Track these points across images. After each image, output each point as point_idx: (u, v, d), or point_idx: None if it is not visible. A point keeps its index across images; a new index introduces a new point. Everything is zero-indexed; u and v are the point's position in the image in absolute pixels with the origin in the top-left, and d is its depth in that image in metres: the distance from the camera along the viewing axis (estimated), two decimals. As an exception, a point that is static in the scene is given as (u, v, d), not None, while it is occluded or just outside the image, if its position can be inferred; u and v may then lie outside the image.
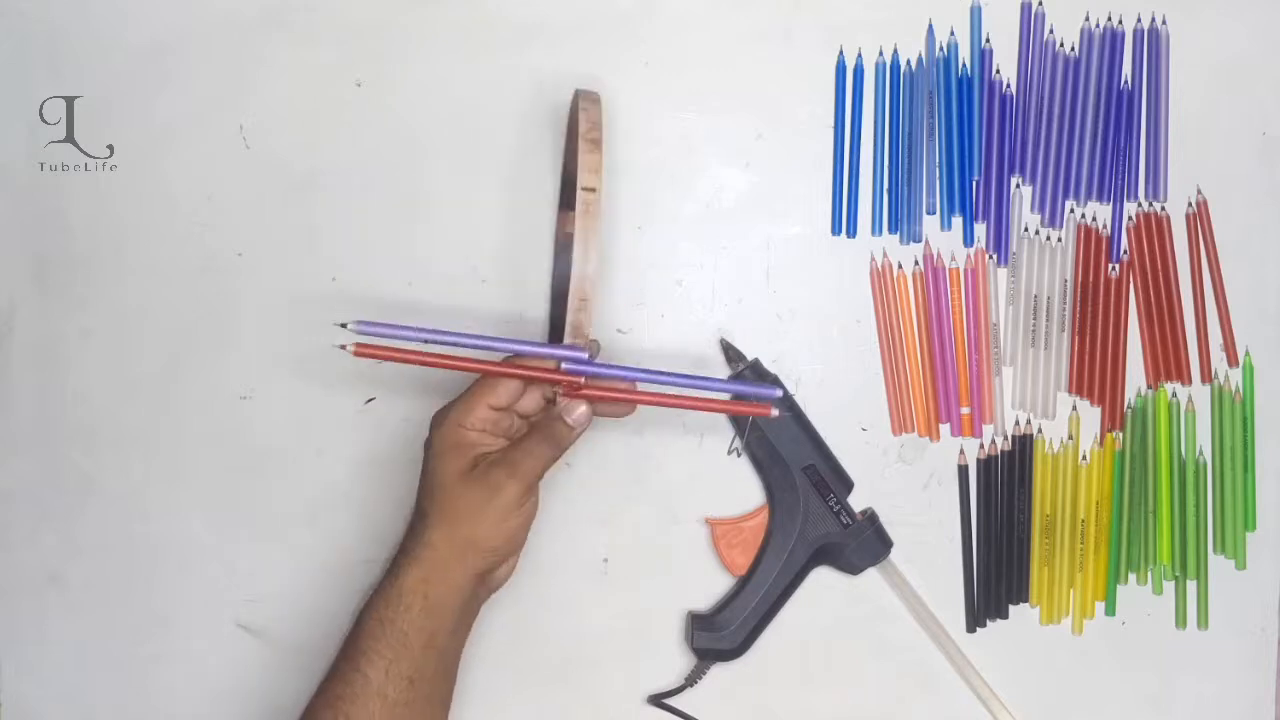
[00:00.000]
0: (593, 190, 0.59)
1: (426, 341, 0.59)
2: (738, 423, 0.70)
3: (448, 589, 0.60)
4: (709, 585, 0.71)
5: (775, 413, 0.62)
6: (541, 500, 0.71)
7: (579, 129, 0.60)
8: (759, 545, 0.70)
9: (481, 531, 0.59)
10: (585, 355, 0.60)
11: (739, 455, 0.70)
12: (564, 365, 0.60)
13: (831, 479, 0.69)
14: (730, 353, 0.70)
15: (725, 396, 0.67)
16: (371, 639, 0.59)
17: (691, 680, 0.70)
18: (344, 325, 0.58)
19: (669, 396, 0.62)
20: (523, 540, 0.62)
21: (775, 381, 0.70)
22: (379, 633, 0.59)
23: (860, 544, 0.69)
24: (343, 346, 0.58)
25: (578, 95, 0.62)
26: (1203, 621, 0.72)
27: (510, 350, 0.61)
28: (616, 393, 0.62)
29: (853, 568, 0.70)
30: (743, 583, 0.70)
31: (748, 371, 0.70)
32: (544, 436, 0.60)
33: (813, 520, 0.69)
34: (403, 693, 0.58)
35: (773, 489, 0.70)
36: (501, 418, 0.62)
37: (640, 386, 0.62)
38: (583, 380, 0.60)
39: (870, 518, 0.70)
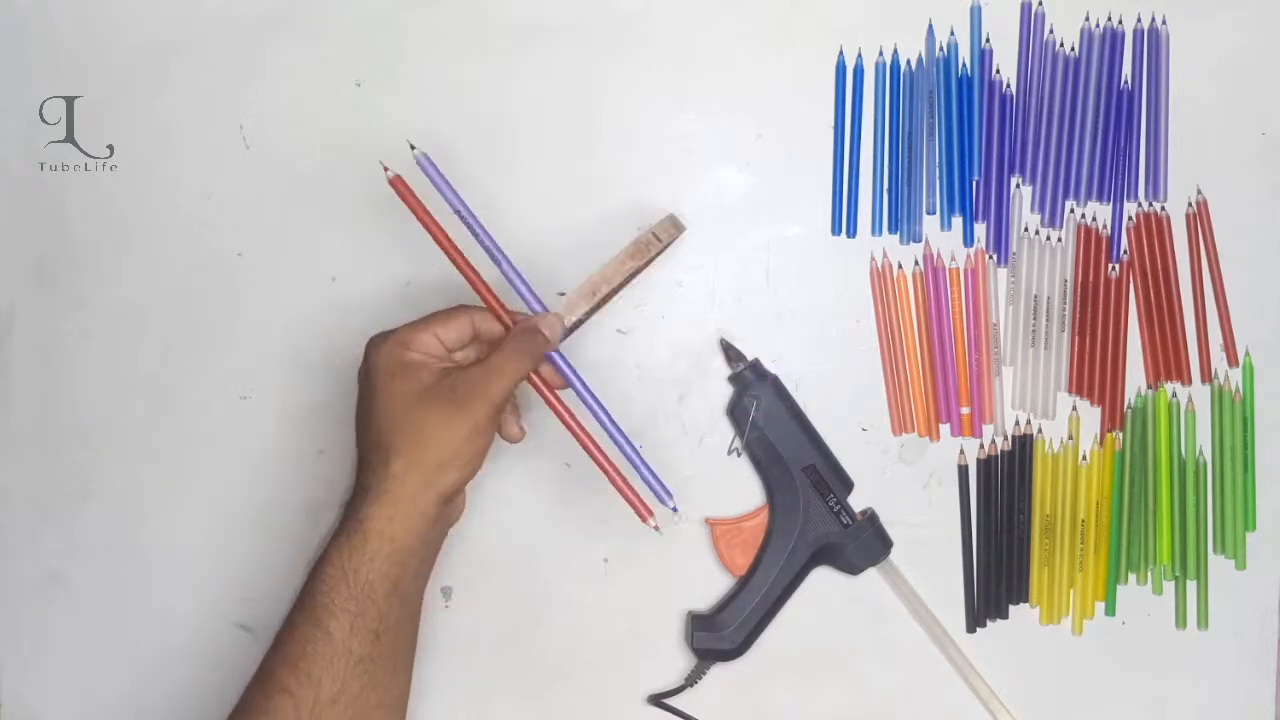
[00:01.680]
0: (659, 240, 0.65)
1: (457, 212, 0.60)
2: (737, 422, 0.70)
3: (414, 525, 0.57)
4: (709, 585, 0.71)
5: (655, 526, 0.63)
6: (541, 500, 0.71)
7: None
8: (759, 545, 0.70)
9: (450, 452, 0.57)
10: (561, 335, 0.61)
11: (739, 455, 0.70)
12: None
13: (832, 479, 0.69)
14: (730, 352, 0.70)
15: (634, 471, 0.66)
16: (333, 592, 0.55)
17: (691, 680, 0.70)
18: (413, 147, 0.60)
19: (589, 441, 0.63)
20: (482, 463, 0.59)
21: (775, 383, 0.70)
22: (341, 585, 0.56)
23: (860, 544, 0.69)
24: (386, 169, 0.59)
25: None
26: (1203, 621, 0.72)
27: (513, 284, 0.62)
28: (557, 407, 0.62)
29: (852, 568, 0.70)
30: (743, 583, 0.70)
31: (747, 372, 0.70)
32: (517, 349, 0.59)
33: (813, 520, 0.69)
34: (369, 647, 0.56)
35: (773, 489, 0.70)
36: (444, 354, 0.60)
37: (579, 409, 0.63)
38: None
39: (870, 518, 0.70)
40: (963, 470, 0.72)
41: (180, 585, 0.71)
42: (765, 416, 0.69)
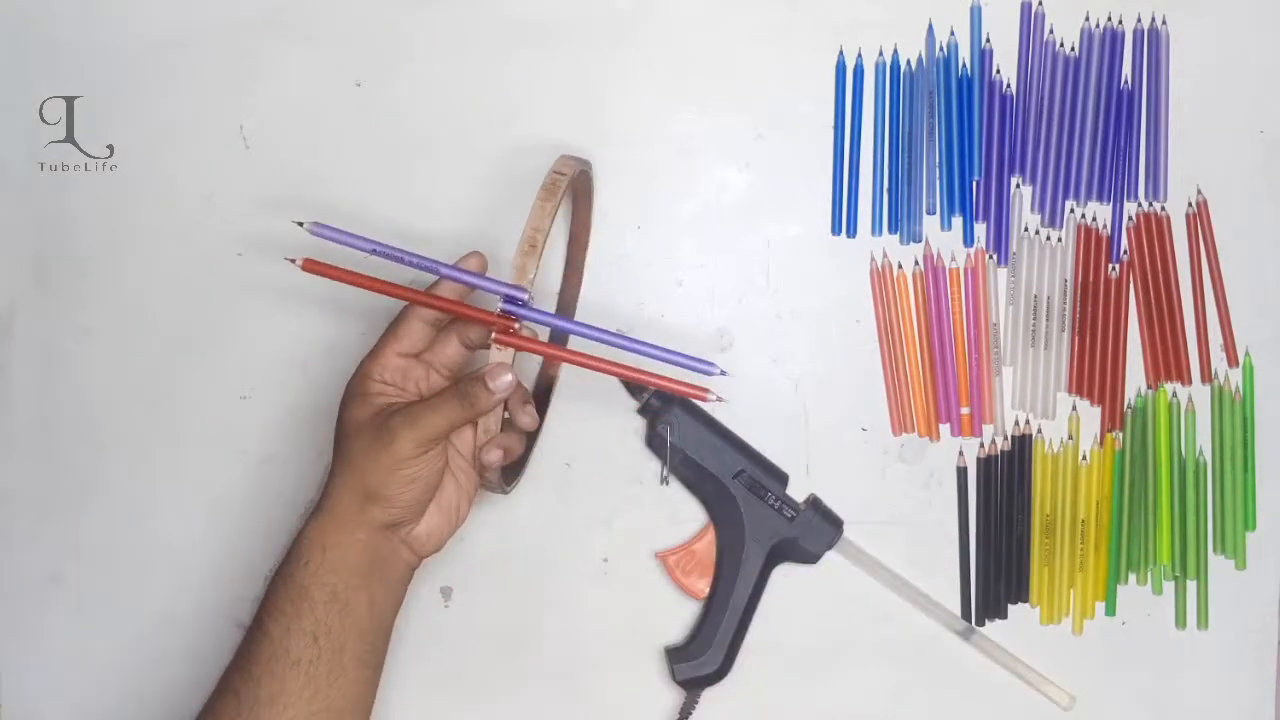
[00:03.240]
0: (562, 174, 0.60)
1: (374, 252, 0.58)
2: (657, 451, 0.69)
3: (347, 541, 0.58)
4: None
5: (713, 398, 0.59)
6: (541, 500, 0.71)
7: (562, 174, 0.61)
8: (714, 564, 0.69)
9: (373, 481, 0.57)
10: (525, 296, 0.58)
11: (667, 483, 0.70)
12: (501, 306, 0.58)
13: (764, 478, 0.69)
14: (630, 388, 0.70)
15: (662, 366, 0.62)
16: (273, 595, 0.58)
17: (685, 714, 0.70)
18: (301, 224, 0.58)
19: (600, 361, 0.59)
20: (422, 498, 0.59)
21: (683, 402, 0.68)
22: (279, 589, 0.57)
23: (810, 532, 0.69)
24: (292, 261, 0.58)
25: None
26: (1203, 621, 0.72)
27: (453, 278, 0.60)
28: (544, 348, 0.60)
29: (810, 556, 0.70)
30: (708, 605, 0.69)
31: (652, 399, 0.69)
32: (456, 394, 0.58)
33: (757, 523, 0.69)
34: (307, 649, 0.57)
35: (711, 504, 0.70)
36: (411, 367, 0.60)
37: (574, 344, 0.60)
38: (517, 324, 0.59)
39: (813, 503, 0.70)
40: (962, 471, 0.72)
41: (180, 585, 0.71)
42: (682, 437, 0.68)
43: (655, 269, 0.72)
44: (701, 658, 0.69)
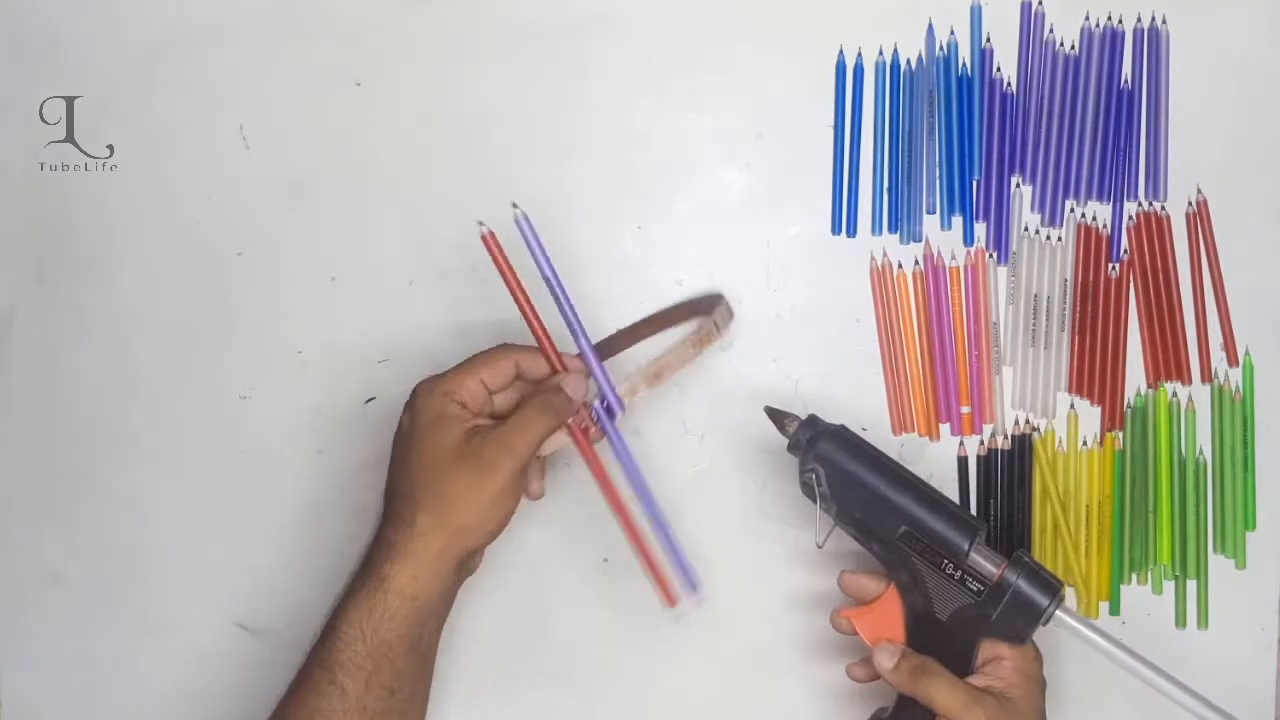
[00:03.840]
0: (719, 331, 0.63)
1: (546, 279, 0.59)
2: (811, 498, 0.59)
3: (435, 584, 0.56)
4: (712, 583, 0.71)
5: (676, 604, 0.60)
6: (541, 500, 0.71)
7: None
8: (904, 623, 0.58)
9: (475, 515, 0.56)
10: (620, 413, 0.60)
11: (819, 546, 0.59)
12: (595, 405, 0.60)
13: (939, 540, 0.55)
14: (776, 419, 0.61)
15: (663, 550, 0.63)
16: (351, 650, 0.56)
17: None
18: (515, 205, 0.58)
19: (624, 514, 0.61)
20: (506, 524, 0.59)
21: (836, 436, 0.59)
22: (359, 643, 0.56)
23: (1010, 607, 0.56)
24: (481, 224, 0.58)
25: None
26: (1203, 621, 0.72)
27: (584, 355, 0.61)
28: (597, 470, 0.61)
29: (1012, 637, 0.57)
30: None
31: (800, 433, 0.60)
32: (540, 407, 0.58)
33: (938, 594, 0.56)
34: (383, 703, 0.56)
35: (885, 564, 0.58)
36: (487, 399, 0.60)
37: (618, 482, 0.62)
38: (594, 427, 0.60)
39: (1016, 564, 0.57)
40: (962, 461, 0.71)
41: (180, 585, 0.71)
42: (835, 486, 0.57)
43: (655, 269, 0.72)
44: None
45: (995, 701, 0.57)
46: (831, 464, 0.57)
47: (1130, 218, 0.72)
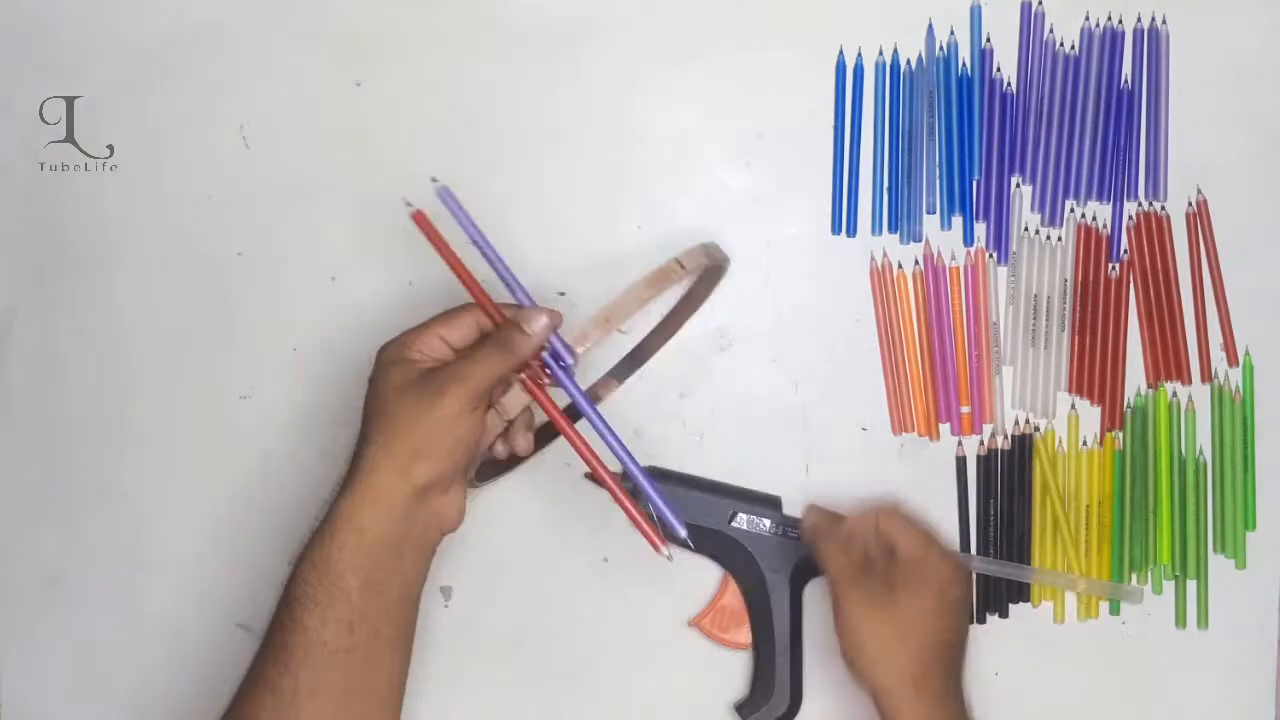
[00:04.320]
0: (681, 268, 0.62)
1: (476, 244, 0.59)
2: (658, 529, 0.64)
3: (384, 513, 0.56)
4: (709, 587, 0.71)
5: (668, 556, 0.59)
6: (541, 500, 0.71)
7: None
8: (745, 611, 0.69)
9: (420, 439, 0.56)
10: (571, 361, 0.59)
11: (670, 559, 0.62)
12: (545, 356, 0.59)
13: (758, 511, 0.68)
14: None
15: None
16: (305, 584, 0.55)
17: None
18: (434, 180, 0.59)
19: (595, 460, 0.60)
20: (463, 460, 0.58)
21: (653, 470, 0.68)
22: (312, 576, 0.56)
23: None
24: (409, 204, 0.59)
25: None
26: (1203, 621, 0.72)
27: (527, 306, 0.60)
28: (555, 413, 0.60)
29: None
30: (756, 650, 0.69)
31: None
32: (497, 344, 0.58)
33: (769, 556, 0.68)
34: (343, 638, 0.55)
35: (720, 556, 0.69)
36: (447, 353, 0.59)
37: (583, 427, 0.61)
38: (547, 380, 0.60)
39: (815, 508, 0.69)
40: (961, 463, 0.71)
41: (180, 585, 0.71)
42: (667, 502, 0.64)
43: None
44: (770, 702, 0.68)
45: (884, 589, 0.63)
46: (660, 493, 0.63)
47: (1130, 218, 0.72)
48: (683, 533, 0.61)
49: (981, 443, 0.72)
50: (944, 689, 0.62)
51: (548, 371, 0.60)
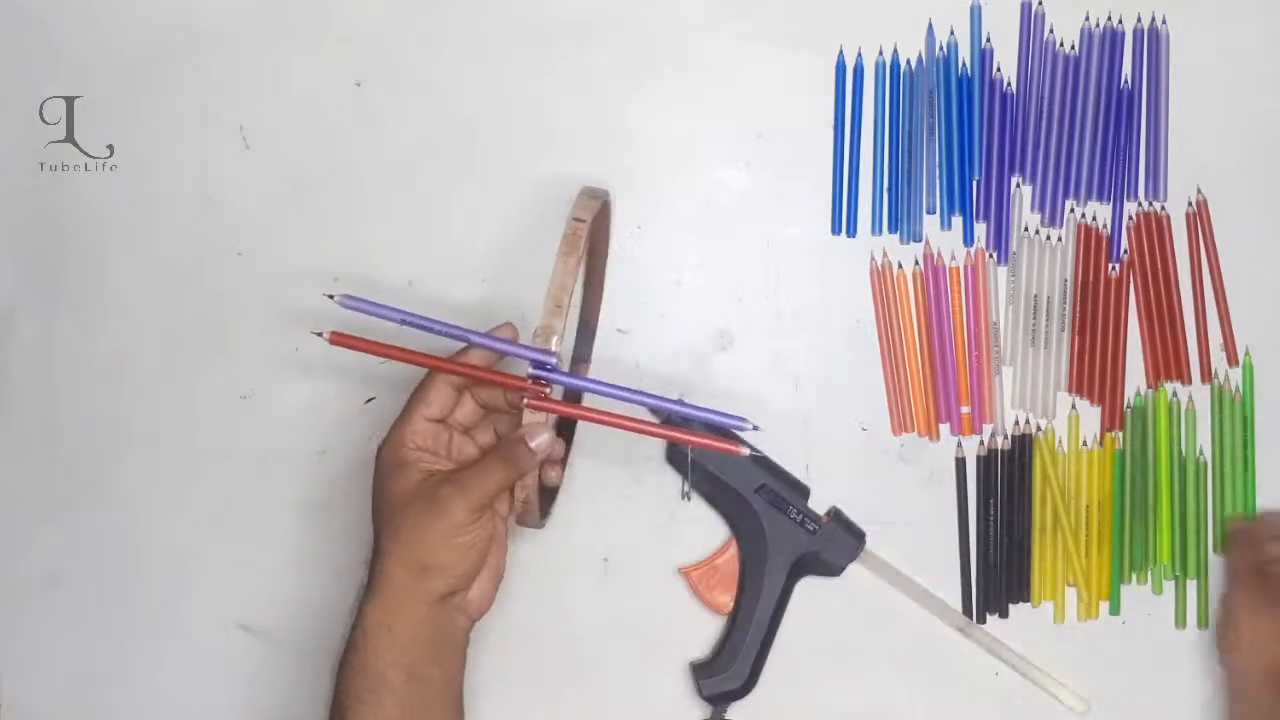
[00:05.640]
0: (582, 221, 0.60)
1: (403, 323, 0.58)
2: (678, 467, 0.69)
3: (410, 619, 0.58)
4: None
5: (745, 452, 0.60)
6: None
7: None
8: (737, 578, 0.69)
9: (429, 551, 0.57)
10: (553, 360, 0.58)
11: (688, 499, 0.69)
12: (530, 371, 0.58)
13: (786, 492, 0.68)
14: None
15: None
16: (350, 688, 0.57)
17: None
18: (331, 296, 0.58)
19: (636, 422, 0.59)
20: (477, 564, 0.59)
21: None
22: (354, 680, 0.57)
23: (833, 545, 0.69)
24: (319, 334, 0.58)
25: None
26: (1203, 621, 0.72)
27: (484, 345, 0.59)
28: (575, 410, 0.60)
29: (832, 569, 0.69)
30: (733, 619, 0.69)
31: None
32: (501, 457, 0.58)
33: (780, 537, 0.68)
34: None
35: (733, 519, 0.69)
36: (440, 432, 0.60)
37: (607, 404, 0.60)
38: (548, 389, 0.59)
39: (835, 516, 0.70)
40: (960, 463, 0.71)
41: (180, 585, 0.71)
42: (703, 453, 0.68)
43: (655, 269, 0.72)
44: (728, 672, 0.68)
45: (1275, 592, 0.68)
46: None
47: (1130, 218, 0.72)
48: (750, 426, 0.59)
49: (981, 443, 0.72)
50: None
51: (543, 384, 0.59)
